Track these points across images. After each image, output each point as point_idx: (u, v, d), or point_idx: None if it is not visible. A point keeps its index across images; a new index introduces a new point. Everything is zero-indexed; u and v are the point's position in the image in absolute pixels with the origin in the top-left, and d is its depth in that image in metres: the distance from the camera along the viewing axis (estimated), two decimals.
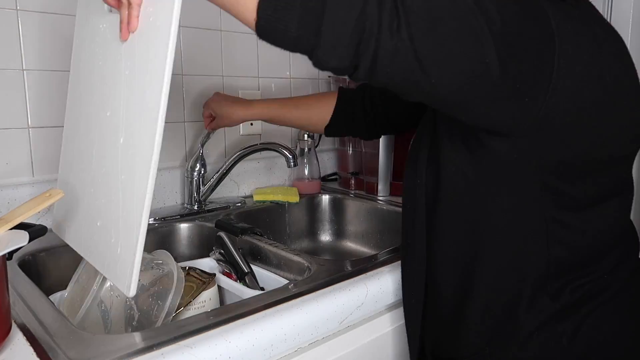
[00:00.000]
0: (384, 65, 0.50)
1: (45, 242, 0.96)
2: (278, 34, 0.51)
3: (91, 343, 0.61)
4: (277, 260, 0.96)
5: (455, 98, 0.54)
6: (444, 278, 0.71)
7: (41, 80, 1.05)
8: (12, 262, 0.85)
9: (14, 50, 1.02)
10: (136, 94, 0.61)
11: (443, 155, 0.66)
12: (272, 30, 0.51)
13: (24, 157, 1.05)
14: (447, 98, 0.55)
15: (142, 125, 0.60)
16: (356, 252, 1.36)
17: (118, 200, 0.64)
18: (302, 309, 0.71)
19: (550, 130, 0.57)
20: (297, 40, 0.51)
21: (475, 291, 0.67)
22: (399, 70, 0.50)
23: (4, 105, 1.01)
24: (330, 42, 0.50)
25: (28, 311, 0.69)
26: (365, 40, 0.49)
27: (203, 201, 1.24)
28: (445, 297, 0.72)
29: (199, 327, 0.64)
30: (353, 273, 0.83)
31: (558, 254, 0.64)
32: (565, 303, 0.65)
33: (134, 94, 0.61)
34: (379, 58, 0.50)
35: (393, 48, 0.49)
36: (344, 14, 0.49)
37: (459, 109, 0.57)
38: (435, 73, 0.51)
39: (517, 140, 0.58)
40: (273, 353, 0.67)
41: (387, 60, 0.50)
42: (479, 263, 0.67)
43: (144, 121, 0.59)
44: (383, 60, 0.50)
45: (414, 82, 0.52)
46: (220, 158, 1.36)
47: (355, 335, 0.80)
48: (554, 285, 0.65)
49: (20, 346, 0.61)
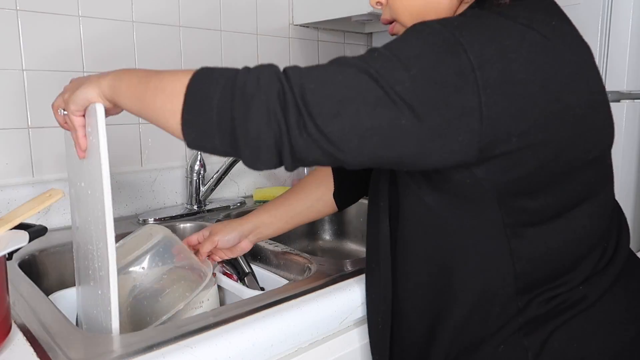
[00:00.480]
0: (304, 156, 0.54)
1: (45, 242, 0.96)
2: (207, 150, 0.57)
3: (91, 343, 0.61)
4: (277, 260, 0.96)
5: (386, 161, 0.55)
6: (410, 301, 0.69)
7: (41, 80, 1.05)
8: (12, 262, 0.85)
9: (14, 50, 1.02)
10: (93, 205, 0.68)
11: (400, 179, 0.67)
12: (202, 148, 0.57)
13: (24, 157, 1.05)
14: (377, 162, 0.56)
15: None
16: (356, 252, 1.36)
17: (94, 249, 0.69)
18: (302, 309, 0.71)
19: (499, 155, 0.55)
20: (226, 154, 0.58)
21: (443, 313, 0.65)
22: (319, 156, 0.54)
23: (4, 105, 1.02)
24: (251, 153, 0.54)
25: (28, 311, 0.69)
26: (279, 142, 0.53)
27: (203, 201, 1.24)
28: (413, 320, 0.69)
29: (199, 327, 0.64)
30: (353, 273, 0.83)
31: (524, 269, 0.61)
32: (532, 316, 0.62)
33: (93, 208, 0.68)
34: (297, 152, 0.54)
35: (304, 143, 0.53)
36: (253, 126, 0.53)
37: (397, 165, 0.57)
38: (355, 149, 0.53)
39: (470, 167, 0.57)
40: (273, 353, 0.67)
41: (304, 153, 0.54)
42: (446, 284, 0.65)
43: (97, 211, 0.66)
44: (301, 153, 0.54)
45: (339, 161, 0.55)
46: (220, 158, 1.36)
47: (355, 335, 0.80)
48: (523, 299, 0.62)
49: (20, 346, 0.61)
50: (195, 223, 1.16)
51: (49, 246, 0.95)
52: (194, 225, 1.16)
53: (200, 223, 1.16)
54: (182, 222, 1.16)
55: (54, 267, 0.94)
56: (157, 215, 1.15)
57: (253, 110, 0.53)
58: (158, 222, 1.13)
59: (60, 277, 0.92)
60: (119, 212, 1.16)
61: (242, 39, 1.38)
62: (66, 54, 1.08)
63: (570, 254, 0.63)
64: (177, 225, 1.15)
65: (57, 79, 1.07)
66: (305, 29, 1.54)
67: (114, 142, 1.16)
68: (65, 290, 0.85)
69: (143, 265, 0.80)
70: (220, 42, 1.33)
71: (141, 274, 0.80)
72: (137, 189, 1.19)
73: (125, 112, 0.65)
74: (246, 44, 1.39)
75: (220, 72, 0.56)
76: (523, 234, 0.61)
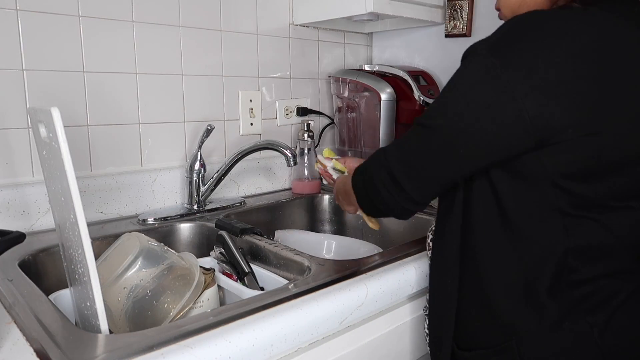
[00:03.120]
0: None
1: (45, 242, 0.96)
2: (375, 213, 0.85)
3: (91, 343, 0.61)
4: (277, 260, 0.96)
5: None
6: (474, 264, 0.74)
7: (41, 80, 1.05)
8: (12, 262, 0.85)
9: (14, 50, 1.02)
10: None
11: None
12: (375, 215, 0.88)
13: (24, 157, 1.05)
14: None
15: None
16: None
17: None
18: (302, 309, 0.71)
19: (556, 142, 0.62)
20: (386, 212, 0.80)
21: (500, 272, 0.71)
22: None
23: (4, 105, 1.02)
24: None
25: (28, 311, 0.69)
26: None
27: (203, 201, 1.24)
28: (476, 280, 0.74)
29: (199, 327, 0.64)
30: (353, 273, 0.83)
31: (576, 245, 0.66)
32: (586, 294, 0.67)
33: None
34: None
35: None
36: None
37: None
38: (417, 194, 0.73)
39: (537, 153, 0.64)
40: (273, 353, 0.67)
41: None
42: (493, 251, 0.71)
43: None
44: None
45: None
46: (220, 158, 1.36)
47: (355, 335, 0.80)
48: (573, 277, 0.67)
49: (20, 346, 0.61)
50: (195, 223, 1.16)
51: (49, 246, 0.95)
52: (193, 225, 1.16)
53: (200, 223, 1.16)
54: (182, 222, 1.16)
55: (54, 267, 0.94)
56: (157, 215, 1.15)
57: None
58: (158, 221, 1.13)
59: (60, 277, 0.92)
60: (119, 212, 1.16)
61: (242, 39, 1.38)
62: (66, 54, 1.08)
63: (621, 244, 0.67)
64: (176, 225, 1.15)
65: (57, 79, 1.07)
66: (305, 29, 1.54)
67: (114, 142, 1.16)
68: (65, 290, 0.85)
69: (136, 270, 0.81)
70: (220, 42, 1.33)
71: (136, 277, 0.80)
72: (137, 189, 1.19)
73: (124, 111, 0.65)
74: (246, 44, 1.39)
75: None
76: (577, 218, 0.66)
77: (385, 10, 1.31)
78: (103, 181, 1.13)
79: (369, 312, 0.80)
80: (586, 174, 0.63)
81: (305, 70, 1.55)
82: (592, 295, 0.67)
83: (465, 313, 0.75)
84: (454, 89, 0.67)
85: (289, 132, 1.53)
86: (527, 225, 0.68)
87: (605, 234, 0.66)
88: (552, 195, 0.65)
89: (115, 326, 0.78)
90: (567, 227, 0.66)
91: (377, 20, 1.55)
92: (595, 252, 0.67)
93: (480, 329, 0.74)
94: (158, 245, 0.86)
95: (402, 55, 1.65)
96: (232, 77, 1.37)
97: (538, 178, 0.65)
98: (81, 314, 0.73)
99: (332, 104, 1.63)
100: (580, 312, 0.67)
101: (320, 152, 1.07)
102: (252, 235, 1.03)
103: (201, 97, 1.31)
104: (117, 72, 1.15)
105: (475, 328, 0.75)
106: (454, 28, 1.49)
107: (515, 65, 0.61)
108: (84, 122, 1.12)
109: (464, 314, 0.75)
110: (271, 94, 1.47)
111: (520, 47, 0.61)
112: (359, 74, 1.48)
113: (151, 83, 1.21)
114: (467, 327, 0.76)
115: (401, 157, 0.72)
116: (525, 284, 0.69)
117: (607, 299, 0.67)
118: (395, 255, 0.91)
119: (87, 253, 0.62)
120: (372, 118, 1.46)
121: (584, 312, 0.67)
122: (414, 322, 0.90)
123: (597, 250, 0.67)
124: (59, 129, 0.62)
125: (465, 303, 0.75)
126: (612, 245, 0.67)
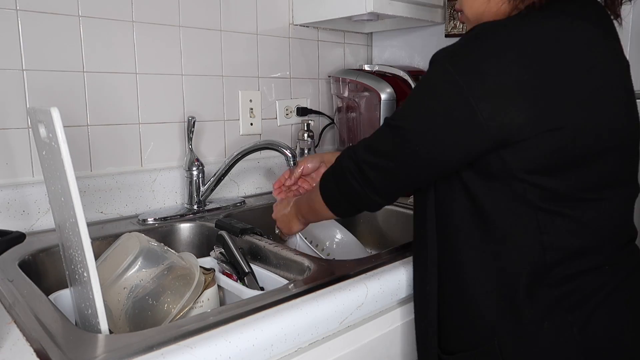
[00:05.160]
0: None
1: (45, 242, 0.96)
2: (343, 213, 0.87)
3: (91, 343, 0.61)
4: (277, 260, 0.96)
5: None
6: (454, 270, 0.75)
7: (41, 80, 1.05)
8: (12, 262, 0.85)
9: (14, 50, 1.02)
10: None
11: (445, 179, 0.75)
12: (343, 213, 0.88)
13: (24, 157, 1.05)
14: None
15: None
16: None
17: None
18: (302, 309, 0.71)
19: (517, 141, 0.64)
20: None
21: (479, 278, 0.71)
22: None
23: (4, 105, 1.02)
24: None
25: (28, 311, 0.69)
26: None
27: (203, 201, 1.24)
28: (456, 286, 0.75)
29: (199, 327, 0.64)
30: (353, 273, 0.83)
31: (552, 242, 0.67)
32: (566, 291, 0.67)
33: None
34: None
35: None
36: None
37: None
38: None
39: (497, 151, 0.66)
40: (273, 353, 0.67)
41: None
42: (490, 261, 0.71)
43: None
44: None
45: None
46: (220, 158, 1.36)
47: (355, 335, 0.80)
48: (552, 275, 0.68)
49: (20, 346, 0.61)
50: (195, 223, 1.16)
51: (49, 246, 0.95)
52: (193, 225, 1.16)
53: (200, 223, 1.16)
54: (182, 222, 1.16)
55: (54, 267, 0.94)
56: (157, 215, 1.15)
57: None
58: (158, 221, 1.13)
59: (60, 277, 0.92)
60: (119, 212, 1.16)
61: (242, 39, 1.38)
62: (66, 54, 1.08)
63: (594, 236, 0.68)
64: (176, 225, 1.15)
65: (57, 79, 1.07)
66: (305, 29, 1.54)
67: (114, 142, 1.16)
68: (65, 290, 0.85)
69: (136, 270, 0.81)
70: (220, 42, 1.33)
71: (136, 277, 0.80)
72: (137, 189, 1.19)
73: (124, 111, 0.65)
74: (246, 44, 1.39)
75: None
76: (549, 214, 0.67)
77: (385, 10, 1.31)
78: (103, 181, 1.13)
79: (369, 312, 0.80)
80: (553, 168, 0.65)
81: (305, 70, 1.55)
82: (572, 294, 0.68)
83: (447, 316, 0.76)
84: (417, 93, 0.71)
85: (289, 132, 1.53)
86: (502, 224, 0.69)
87: (580, 228, 0.67)
88: (521, 190, 0.66)
89: (115, 326, 0.78)
90: (540, 224, 0.67)
91: (377, 20, 1.54)
92: (572, 248, 0.67)
93: (462, 331, 0.74)
94: (158, 245, 0.86)
95: (402, 55, 1.65)
96: (232, 77, 1.37)
97: (505, 176, 0.67)
98: (81, 314, 0.73)
99: (332, 104, 1.63)
100: (560, 310, 0.67)
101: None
102: (252, 235, 1.03)
103: (201, 97, 1.31)
104: (117, 72, 1.15)
105: (457, 330, 0.75)
106: (454, 28, 1.49)
107: (470, 72, 0.64)
108: (84, 122, 1.12)
109: (446, 316, 0.76)
110: (271, 94, 1.47)
111: (476, 55, 0.64)
112: (358, 74, 1.48)
113: (151, 83, 1.21)
114: (450, 330, 0.76)
115: (369, 151, 0.75)
116: (504, 284, 0.69)
117: (587, 296, 0.68)
118: (395, 255, 0.91)
119: (87, 253, 0.62)
120: (372, 118, 1.46)
121: (564, 310, 0.67)
122: (414, 323, 0.90)
123: (573, 246, 0.67)
124: (58, 129, 0.62)
125: (446, 306, 0.76)
126: (589, 240, 0.68)
